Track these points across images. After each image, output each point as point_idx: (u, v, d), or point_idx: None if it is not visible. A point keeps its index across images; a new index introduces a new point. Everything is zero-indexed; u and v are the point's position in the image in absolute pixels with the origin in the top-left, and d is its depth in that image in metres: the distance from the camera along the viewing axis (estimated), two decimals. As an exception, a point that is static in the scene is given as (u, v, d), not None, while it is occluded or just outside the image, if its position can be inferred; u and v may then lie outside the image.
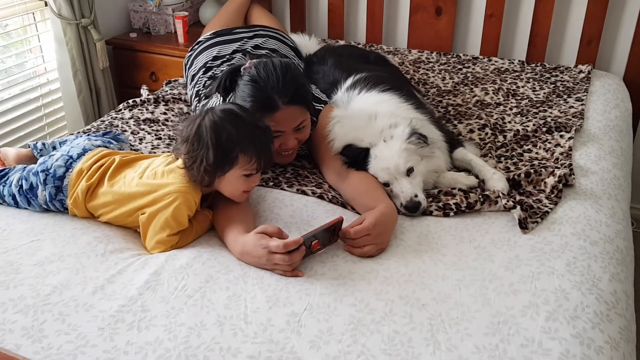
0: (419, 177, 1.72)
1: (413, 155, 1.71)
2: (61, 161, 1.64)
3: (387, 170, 1.70)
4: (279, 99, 1.66)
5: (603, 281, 1.39)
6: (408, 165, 1.69)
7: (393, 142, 1.71)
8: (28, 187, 1.63)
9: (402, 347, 1.20)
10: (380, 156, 1.71)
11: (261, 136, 1.55)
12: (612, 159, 1.98)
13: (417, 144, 1.71)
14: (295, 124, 1.73)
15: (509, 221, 1.61)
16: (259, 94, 1.67)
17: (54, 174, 1.62)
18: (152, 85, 2.97)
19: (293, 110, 1.70)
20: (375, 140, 1.74)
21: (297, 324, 1.25)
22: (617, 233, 1.60)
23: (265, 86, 1.67)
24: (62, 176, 1.62)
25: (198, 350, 1.18)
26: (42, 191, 1.61)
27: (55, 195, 1.61)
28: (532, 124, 2.15)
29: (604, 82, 2.57)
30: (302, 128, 1.76)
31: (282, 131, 1.72)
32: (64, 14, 2.71)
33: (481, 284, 1.37)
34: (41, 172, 1.62)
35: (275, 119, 1.67)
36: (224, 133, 1.50)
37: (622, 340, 1.26)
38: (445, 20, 2.91)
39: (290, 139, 1.75)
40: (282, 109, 1.67)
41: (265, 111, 1.66)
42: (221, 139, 1.49)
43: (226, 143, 1.49)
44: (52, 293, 1.34)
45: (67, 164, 1.64)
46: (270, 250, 1.39)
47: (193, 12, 3.28)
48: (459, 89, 2.55)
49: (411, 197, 1.65)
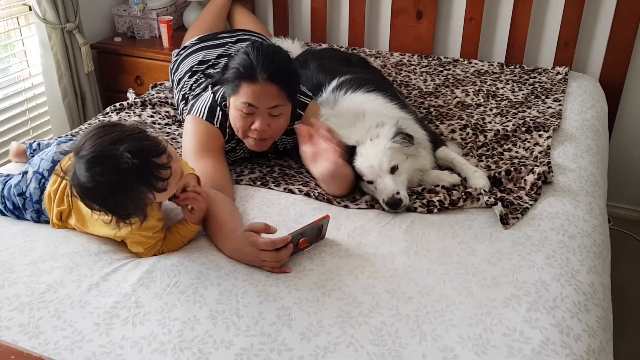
0: (403, 175, 1.76)
1: (398, 154, 1.76)
2: (34, 182, 1.61)
3: (372, 168, 1.74)
4: (260, 72, 1.72)
5: (581, 273, 1.45)
6: (392, 163, 1.74)
7: (379, 141, 1.76)
8: (12, 207, 1.65)
9: (389, 337, 1.24)
10: (365, 154, 1.76)
11: (133, 171, 1.32)
12: (589, 157, 2.04)
13: (402, 143, 1.76)
14: (270, 103, 1.75)
15: (490, 217, 1.66)
16: (244, 63, 1.74)
17: (30, 198, 1.62)
18: (137, 89, 2.99)
19: (271, 88, 1.73)
20: (362, 138, 1.79)
21: (287, 317, 1.29)
22: (594, 228, 1.67)
23: (252, 59, 1.73)
24: (38, 199, 1.61)
25: (192, 343, 1.22)
26: (25, 213, 1.64)
27: (38, 217, 1.63)
28: (512, 124, 2.22)
29: (580, 83, 2.65)
30: (277, 115, 1.79)
31: (256, 108, 1.75)
32: (48, 19, 2.72)
33: (465, 277, 1.42)
34: (19, 196, 1.62)
35: (250, 91, 1.73)
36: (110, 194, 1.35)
37: (599, 328, 1.31)
38: (426, 24, 2.98)
39: (262, 120, 1.76)
40: (260, 83, 1.72)
41: (243, 78, 1.73)
42: (111, 199, 1.36)
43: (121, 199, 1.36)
44: (47, 291, 1.37)
45: (40, 185, 1.61)
46: (259, 248, 1.43)
47: (177, 17, 3.31)
48: (440, 90, 2.61)
49: (393, 194, 1.69)
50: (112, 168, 1.29)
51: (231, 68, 1.77)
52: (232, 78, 1.76)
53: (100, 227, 1.51)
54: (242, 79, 1.74)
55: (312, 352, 1.20)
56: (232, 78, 1.76)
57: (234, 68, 1.76)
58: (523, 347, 1.21)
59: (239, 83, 1.74)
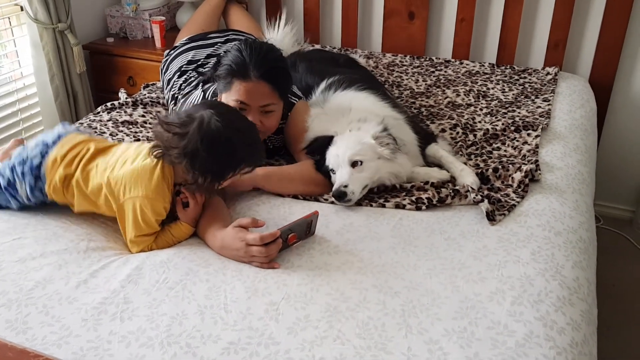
0: (366, 172, 1.75)
1: (368, 152, 1.76)
2: (37, 150, 1.62)
3: (336, 157, 1.76)
4: (252, 69, 1.73)
5: (566, 268, 1.46)
6: (356, 157, 1.74)
7: (356, 134, 1.77)
8: (6, 183, 1.63)
9: (375, 331, 1.25)
10: (337, 143, 1.78)
11: (257, 144, 1.59)
12: (577, 156, 2.06)
13: (382, 142, 1.77)
14: (261, 102, 1.76)
15: (478, 214, 1.68)
16: (237, 60, 1.74)
17: (30, 164, 1.61)
18: (129, 90, 2.99)
19: (263, 86, 1.75)
20: (342, 130, 1.80)
21: (275, 312, 1.30)
22: (580, 224, 1.68)
23: (245, 56, 1.74)
24: (39, 165, 1.60)
25: (180, 338, 1.23)
26: (21, 184, 1.61)
27: (35, 183, 1.60)
28: (501, 123, 2.23)
29: (570, 84, 2.67)
30: (268, 112, 1.80)
31: (247, 105, 1.76)
32: (40, 19, 2.73)
33: (451, 272, 1.44)
34: (18, 165, 1.61)
35: (243, 88, 1.73)
36: (228, 147, 1.50)
37: (583, 322, 1.33)
38: (418, 25, 2.99)
39: (254, 117, 1.76)
40: (252, 80, 1.73)
41: (236, 75, 1.73)
42: (226, 155, 1.50)
43: (233, 158, 1.52)
44: (35, 287, 1.37)
45: (42, 153, 1.62)
46: (248, 243, 1.44)
47: (170, 17, 3.32)
48: (431, 90, 2.63)
49: (340, 186, 1.70)
50: (244, 138, 1.52)
51: (223, 65, 1.78)
52: (225, 75, 1.77)
53: (103, 200, 1.57)
54: (234, 76, 1.74)
55: (298, 345, 1.21)
56: (225, 75, 1.77)
57: (226, 65, 1.77)
58: (507, 340, 1.23)
59: (231, 80, 1.75)
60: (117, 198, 1.54)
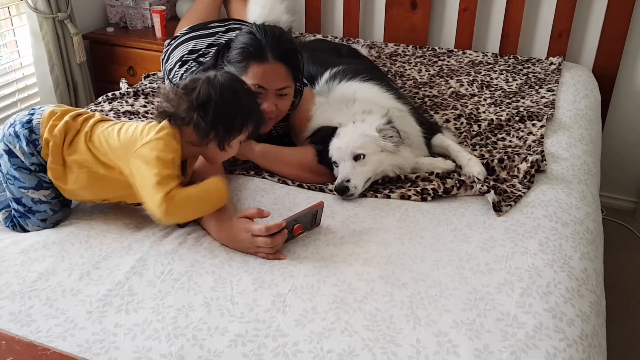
0: (369, 166, 1.74)
1: (372, 145, 1.74)
2: (24, 113, 1.57)
3: (339, 149, 1.74)
4: (269, 51, 1.71)
5: (574, 259, 1.45)
6: (358, 151, 1.72)
7: (360, 126, 1.75)
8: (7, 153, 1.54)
9: (383, 323, 1.24)
10: (341, 135, 1.76)
11: (256, 102, 1.61)
12: (582, 146, 2.05)
13: (386, 135, 1.75)
14: (279, 84, 1.74)
15: (484, 205, 1.67)
16: (252, 42, 1.72)
17: (21, 121, 1.54)
18: (130, 80, 2.97)
19: (280, 68, 1.73)
20: (346, 121, 1.79)
21: (282, 304, 1.29)
22: (587, 215, 1.67)
23: (260, 38, 1.72)
24: (29, 120, 1.54)
25: (187, 330, 1.21)
26: (14, 145, 1.52)
27: (30, 135, 1.51)
28: (506, 113, 2.22)
29: (573, 74, 2.65)
30: (283, 95, 1.78)
31: (265, 89, 1.74)
32: (40, 8, 2.70)
33: (458, 263, 1.43)
34: (8, 129, 1.54)
35: (260, 71, 1.71)
36: (236, 101, 1.52)
37: (592, 314, 1.32)
38: (421, 14, 2.97)
39: (270, 101, 1.75)
40: (270, 62, 1.71)
41: (253, 58, 1.70)
42: (235, 107, 1.51)
43: (241, 111, 1.53)
44: (38, 279, 1.36)
45: (30, 112, 1.57)
46: (253, 234, 1.43)
47: (170, 7, 3.29)
48: (434, 80, 2.61)
49: (342, 181, 1.69)
50: (249, 94, 1.58)
51: (237, 48, 1.74)
52: (240, 58, 1.73)
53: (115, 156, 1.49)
54: (251, 59, 1.71)
55: (306, 337, 1.20)
56: (240, 58, 1.73)
57: (240, 48, 1.73)
58: (517, 331, 1.22)
59: (247, 64, 1.72)
60: (129, 151, 1.46)
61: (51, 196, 1.57)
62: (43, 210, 1.56)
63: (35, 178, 1.54)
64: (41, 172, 1.55)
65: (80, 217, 1.62)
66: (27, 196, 1.55)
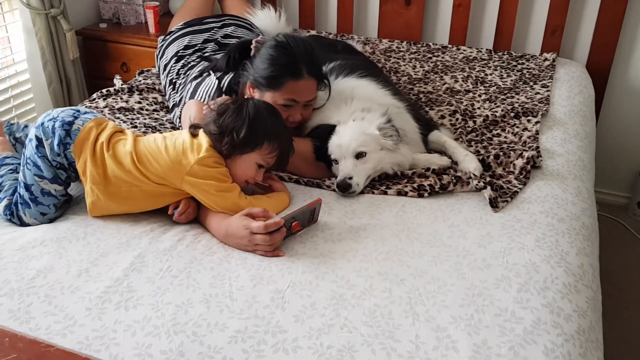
0: (370, 164, 1.75)
1: (372, 143, 1.74)
2: (68, 112, 1.62)
3: (340, 147, 1.74)
4: (304, 67, 1.74)
5: (570, 255, 1.46)
6: (360, 149, 1.73)
7: (360, 124, 1.76)
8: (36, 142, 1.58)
9: (382, 319, 1.25)
10: (340, 133, 1.76)
11: (288, 138, 1.66)
12: (577, 142, 2.06)
13: (386, 133, 1.75)
14: (309, 97, 1.79)
15: (480, 201, 1.67)
16: (287, 58, 1.75)
17: (62, 119, 1.58)
18: (124, 76, 2.96)
19: (312, 83, 1.77)
20: (345, 119, 1.79)
21: (281, 300, 1.29)
22: (582, 211, 1.68)
23: (294, 52, 1.74)
24: (71, 122, 1.58)
25: (186, 327, 1.22)
26: (49, 140, 1.56)
27: (65, 138, 1.56)
28: (501, 109, 2.23)
29: (567, 70, 2.66)
30: (309, 105, 1.83)
31: (296, 102, 1.77)
32: (32, 4, 2.69)
33: (455, 259, 1.43)
34: (48, 121, 1.57)
35: (296, 87, 1.75)
36: (261, 117, 1.59)
37: (589, 309, 1.33)
38: (415, 10, 2.97)
39: (298, 112, 1.80)
40: (305, 78, 1.74)
41: (289, 75, 1.73)
42: (256, 121, 1.57)
43: (259, 126, 1.57)
44: (36, 276, 1.35)
45: (74, 115, 1.61)
46: (252, 231, 1.43)
47: (163, 2, 3.28)
48: (429, 77, 2.61)
49: (345, 178, 1.70)
50: (276, 118, 1.64)
51: (269, 62, 1.76)
52: (275, 74, 1.75)
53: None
54: (287, 75, 1.74)
55: (306, 333, 1.20)
56: (275, 74, 1.75)
57: (274, 64, 1.75)
58: (515, 327, 1.22)
59: (284, 80, 1.74)
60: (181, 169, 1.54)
61: (61, 193, 1.60)
62: (47, 204, 1.58)
63: (54, 171, 1.58)
64: (61, 169, 1.59)
65: (78, 213, 1.61)
66: (38, 185, 1.57)
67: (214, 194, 1.53)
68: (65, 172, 1.60)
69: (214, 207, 1.54)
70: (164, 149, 1.56)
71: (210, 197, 1.54)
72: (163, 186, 1.56)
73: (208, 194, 1.53)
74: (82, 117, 1.62)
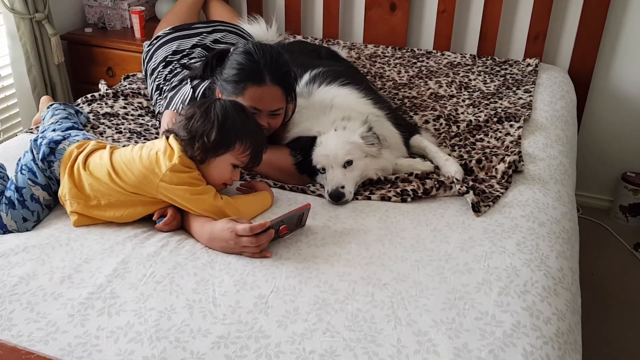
0: (356, 171, 1.76)
1: (357, 151, 1.76)
2: (59, 132, 1.71)
3: (327, 157, 1.75)
4: (267, 74, 1.72)
5: (550, 258, 1.48)
6: (347, 157, 1.74)
7: (343, 133, 1.77)
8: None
9: (365, 323, 1.26)
10: (324, 143, 1.77)
11: (259, 134, 1.64)
12: (559, 147, 2.09)
13: (367, 141, 1.77)
14: (273, 106, 1.76)
15: (463, 205, 1.69)
16: (250, 64, 1.73)
17: (51, 138, 1.65)
18: (109, 81, 2.96)
19: (276, 91, 1.74)
20: (325, 129, 1.80)
21: (264, 305, 1.30)
22: (563, 215, 1.71)
23: (258, 59, 1.72)
24: (59, 141, 1.65)
25: (169, 333, 1.22)
26: (36, 153, 1.63)
27: (48, 156, 1.62)
28: (484, 114, 2.25)
29: (550, 75, 2.69)
30: (276, 115, 1.80)
31: (259, 110, 1.75)
32: (17, 8, 2.68)
33: (438, 263, 1.45)
34: (40, 137, 1.66)
35: (257, 94, 1.72)
36: (230, 118, 1.58)
37: (568, 311, 1.35)
38: (400, 16, 3.00)
39: (263, 120, 1.76)
40: (267, 85, 1.72)
41: (250, 81, 1.71)
42: (226, 122, 1.57)
43: (229, 127, 1.57)
44: (18, 283, 1.35)
45: (64, 134, 1.69)
46: (238, 234, 1.43)
47: (149, 7, 3.28)
48: (414, 82, 2.64)
49: (337, 187, 1.70)
50: (245, 116, 1.63)
51: (233, 67, 1.75)
52: (237, 79, 1.73)
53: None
54: (248, 81, 1.72)
55: (288, 338, 1.21)
56: (237, 79, 1.73)
57: (238, 68, 1.73)
58: (495, 330, 1.24)
59: (245, 85, 1.72)
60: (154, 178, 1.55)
61: (47, 202, 1.63)
62: (32, 210, 1.59)
63: (47, 180, 1.63)
64: (52, 180, 1.65)
65: (61, 219, 1.61)
66: (29, 189, 1.60)
67: (189, 198, 1.54)
68: (55, 184, 1.64)
69: (193, 209, 1.55)
70: (139, 159, 1.57)
71: (186, 201, 1.54)
72: (140, 195, 1.56)
73: (184, 199, 1.54)
74: (71, 139, 1.67)
